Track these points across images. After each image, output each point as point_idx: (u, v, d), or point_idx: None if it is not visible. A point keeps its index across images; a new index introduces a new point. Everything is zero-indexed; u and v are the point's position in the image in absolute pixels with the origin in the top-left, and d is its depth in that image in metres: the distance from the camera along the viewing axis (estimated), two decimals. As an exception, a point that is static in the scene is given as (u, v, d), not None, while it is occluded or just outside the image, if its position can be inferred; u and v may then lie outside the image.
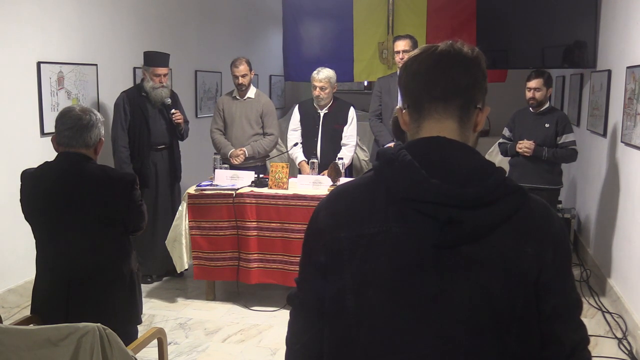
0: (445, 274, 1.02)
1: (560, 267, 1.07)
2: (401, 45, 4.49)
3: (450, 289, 1.02)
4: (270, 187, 4.15)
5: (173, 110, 4.51)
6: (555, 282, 1.06)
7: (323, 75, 4.50)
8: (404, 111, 1.16)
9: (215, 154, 4.61)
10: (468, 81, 1.10)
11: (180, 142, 4.79)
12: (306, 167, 4.55)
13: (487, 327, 1.02)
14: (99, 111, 3.27)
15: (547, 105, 4.42)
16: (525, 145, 4.31)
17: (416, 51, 1.16)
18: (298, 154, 4.69)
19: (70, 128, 2.39)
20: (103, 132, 2.50)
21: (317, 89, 4.53)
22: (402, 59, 4.47)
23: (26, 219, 2.48)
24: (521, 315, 1.03)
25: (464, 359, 1.02)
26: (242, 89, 4.70)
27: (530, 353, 1.06)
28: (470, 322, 1.01)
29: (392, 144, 4.54)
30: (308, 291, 1.17)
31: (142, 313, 2.71)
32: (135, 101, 4.45)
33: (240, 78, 4.63)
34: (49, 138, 2.56)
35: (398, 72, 4.72)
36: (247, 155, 4.64)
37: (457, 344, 1.02)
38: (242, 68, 4.62)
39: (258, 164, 4.74)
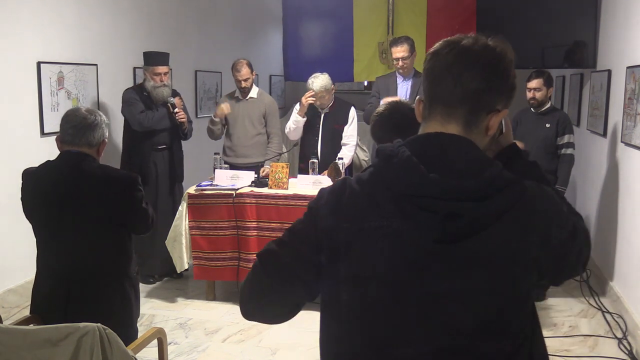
0: (448, 268, 1.02)
1: (561, 235, 1.08)
2: (399, 52, 4.47)
3: (453, 284, 1.02)
4: (270, 187, 4.15)
5: (176, 110, 4.50)
6: (557, 256, 1.08)
7: (318, 86, 4.45)
8: (421, 104, 1.16)
9: (215, 153, 4.61)
10: (480, 86, 1.07)
11: (183, 142, 4.79)
12: (301, 102, 4.52)
13: (491, 319, 1.03)
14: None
15: (548, 105, 4.42)
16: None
17: (439, 45, 1.12)
18: (289, 124, 4.63)
19: (74, 126, 2.40)
20: (107, 134, 2.51)
21: (317, 98, 4.53)
22: (402, 66, 4.48)
23: (27, 217, 2.48)
24: (524, 299, 1.06)
25: (467, 353, 1.02)
26: (244, 91, 4.72)
27: (526, 333, 1.08)
28: (475, 316, 1.02)
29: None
30: (291, 256, 1.14)
31: (139, 310, 2.72)
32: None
33: (242, 82, 4.65)
34: (49, 138, 2.57)
35: (396, 72, 4.71)
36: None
37: (461, 339, 1.02)
38: (244, 72, 4.63)
39: (259, 164, 4.73)
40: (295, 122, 4.60)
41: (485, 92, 1.08)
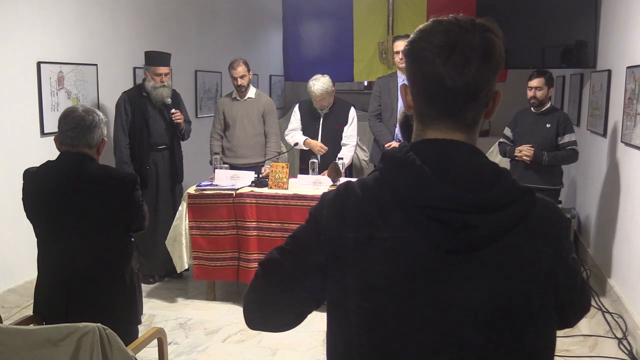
0: (459, 279, 1.00)
1: (569, 255, 1.08)
2: (401, 45, 4.49)
3: (466, 294, 1.00)
4: (270, 187, 4.15)
5: (173, 110, 4.52)
6: (568, 272, 1.07)
7: (319, 89, 4.45)
8: (408, 96, 1.10)
9: (215, 153, 4.61)
10: (483, 76, 1.02)
11: (182, 142, 4.80)
12: (311, 142, 4.59)
13: (505, 330, 1.01)
14: (99, 111, 3.24)
15: (548, 105, 4.43)
16: (524, 153, 4.32)
17: (428, 26, 1.06)
18: (299, 138, 4.67)
19: (73, 128, 2.40)
20: (105, 132, 2.51)
21: (317, 101, 4.54)
22: (402, 59, 4.48)
23: (28, 217, 2.48)
24: (539, 313, 1.03)
25: None
26: (241, 90, 4.71)
27: (547, 348, 1.06)
28: (488, 326, 1.00)
29: (392, 143, 4.54)
30: (294, 265, 1.11)
31: (142, 313, 2.72)
32: (135, 101, 4.46)
33: (238, 79, 4.64)
34: (49, 138, 2.57)
35: (397, 73, 4.72)
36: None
37: (475, 350, 1.00)
38: (240, 69, 4.63)
39: (259, 164, 4.74)
40: (299, 146, 4.68)
41: (481, 87, 1.02)
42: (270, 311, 1.16)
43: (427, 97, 1.06)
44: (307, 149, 4.66)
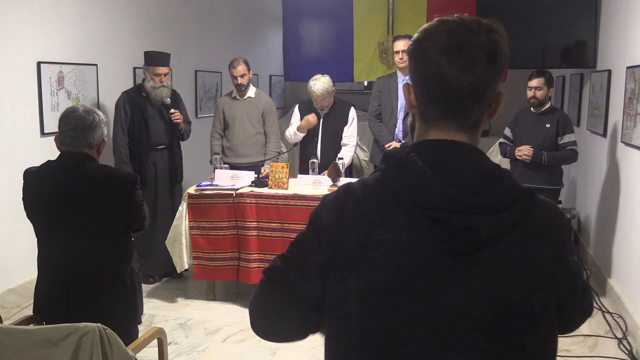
0: (461, 280, 1.00)
1: (571, 257, 1.08)
2: (401, 45, 4.50)
3: (467, 296, 0.99)
4: (270, 187, 4.15)
5: (172, 110, 4.52)
6: (569, 274, 1.07)
7: (319, 89, 4.45)
8: (411, 95, 1.09)
9: (215, 153, 4.61)
10: (487, 77, 1.01)
11: (182, 142, 4.80)
12: (302, 122, 4.60)
13: (506, 331, 1.00)
14: (99, 111, 3.25)
15: (548, 105, 4.44)
16: (524, 153, 4.33)
17: (433, 25, 1.05)
18: (292, 130, 4.69)
19: (74, 128, 2.40)
20: (106, 132, 2.52)
21: (317, 101, 4.55)
22: (401, 58, 4.49)
23: (28, 217, 2.48)
24: (540, 315, 1.02)
25: None
26: (241, 89, 4.71)
27: (548, 350, 1.06)
28: (490, 328, 1.00)
29: (392, 143, 4.54)
30: (296, 271, 1.11)
31: (142, 313, 2.72)
32: (135, 101, 4.46)
33: (238, 78, 4.64)
34: (49, 138, 2.57)
35: (397, 73, 4.72)
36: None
37: (476, 352, 1.00)
38: (240, 68, 4.63)
39: (259, 164, 4.74)
40: (296, 135, 4.67)
41: (485, 88, 1.03)
42: (275, 318, 1.16)
43: (431, 97, 1.05)
44: (304, 133, 4.64)
